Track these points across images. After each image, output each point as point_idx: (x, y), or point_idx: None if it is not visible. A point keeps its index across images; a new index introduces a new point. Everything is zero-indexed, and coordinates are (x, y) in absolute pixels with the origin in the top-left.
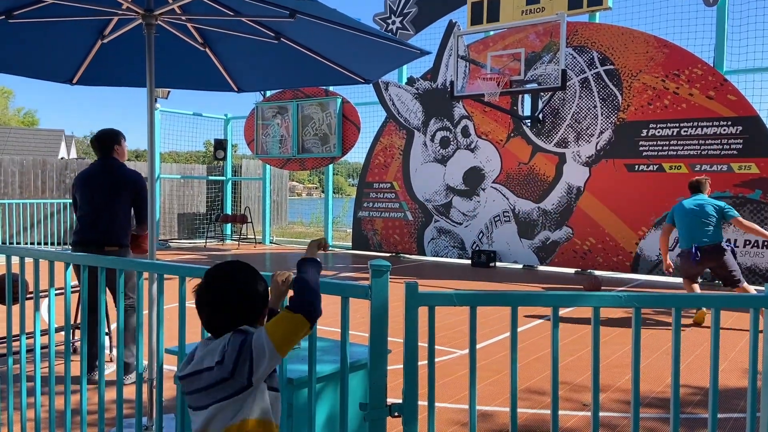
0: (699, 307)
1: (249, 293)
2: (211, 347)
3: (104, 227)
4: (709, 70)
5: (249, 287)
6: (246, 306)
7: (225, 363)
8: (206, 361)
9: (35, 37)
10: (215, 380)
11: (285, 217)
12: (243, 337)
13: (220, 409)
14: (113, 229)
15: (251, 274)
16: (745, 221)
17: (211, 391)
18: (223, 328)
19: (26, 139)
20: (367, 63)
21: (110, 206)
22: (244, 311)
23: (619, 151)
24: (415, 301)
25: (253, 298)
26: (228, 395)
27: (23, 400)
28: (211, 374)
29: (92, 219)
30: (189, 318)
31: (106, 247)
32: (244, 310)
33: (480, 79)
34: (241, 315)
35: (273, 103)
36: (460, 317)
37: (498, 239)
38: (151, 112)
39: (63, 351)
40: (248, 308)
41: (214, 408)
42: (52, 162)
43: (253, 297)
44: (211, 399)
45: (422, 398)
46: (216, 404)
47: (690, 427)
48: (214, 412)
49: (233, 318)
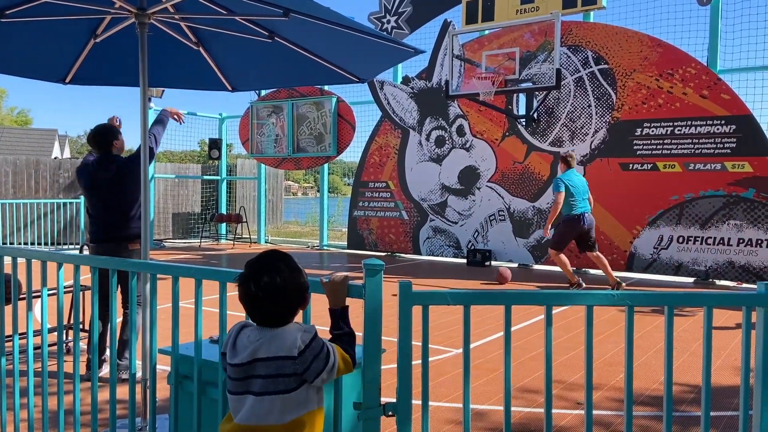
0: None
1: (301, 281)
2: (278, 338)
3: (122, 224)
4: (702, 69)
5: (301, 275)
6: (300, 294)
7: (305, 357)
8: (277, 349)
9: (28, 36)
10: (289, 371)
11: (280, 216)
12: (322, 342)
13: (285, 400)
14: (131, 225)
15: (294, 262)
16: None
17: (280, 380)
18: (280, 317)
19: (19, 139)
20: (362, 62)
21: (123, 202)
22: (298, 299)
23: (613, 150)
24: (409, 300)
25: (304, 285)
26: (293, 388)
27: (16, 400)
28: (284, 363)
29: (107, 217)
30: (182, 318)
31: (130, 244)
32: (298, 298)
33: (475, 79)
34: (296, 303)
35: (268, 102)
36: (454, 316)
37: (493, 238)
38: (145, 112)
39: (56, 351)
40: (301, 296)
41: (278, 398)
42: (45, 162)
43: (303, 284)
44: (277, 387)
45: (416, 397)
46: (281, 395)
47: (683, 425)
48: (279, 403)
49: (290, 307)
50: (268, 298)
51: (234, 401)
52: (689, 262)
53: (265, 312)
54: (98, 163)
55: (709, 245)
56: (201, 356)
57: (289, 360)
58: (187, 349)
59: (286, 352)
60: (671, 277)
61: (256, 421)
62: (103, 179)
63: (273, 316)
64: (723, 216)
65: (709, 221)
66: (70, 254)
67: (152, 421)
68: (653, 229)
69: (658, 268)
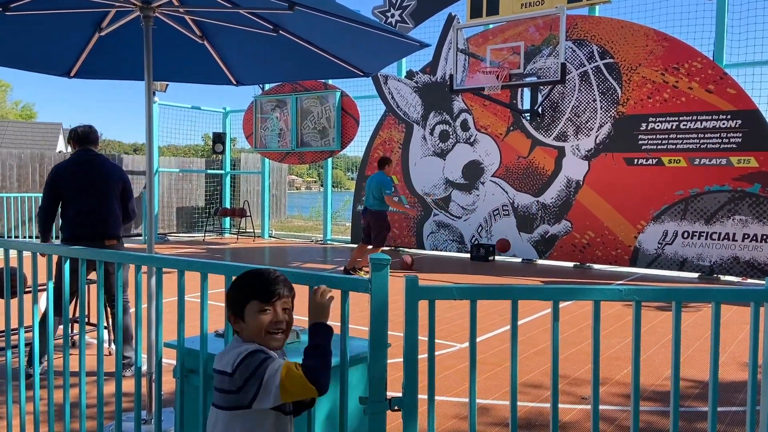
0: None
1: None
2: (231, 350)
3: (103, 220)
4: (708, 64)
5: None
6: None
7: (235, 378)
8: (223, 363)
9: (32, 29)
10: (227, 388)
11: (284, 210)
12: (260, 361)
13: (233, 416)
14: (111, 221)
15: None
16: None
17: (224, 396)
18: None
19: (24, 133)
20: (367, 56)
21: (105, 198)
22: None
23: (618, 145)
24: (415, 294)
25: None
26: (233, 406)
27: (22, 393)
28: (224, 379)
29: (89, 212)
30: (188, 312)
31: (106, 240)
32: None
33: (479, 73)
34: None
35: (272, 96)
36: (459, 311)
37: (497, 233)
38: (150, 106)
39: (62, 344)
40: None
41: (228, 414)
42: (50, 155)
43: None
44: (223, 403)
45: (422, 392)
46: (228, 411)
47: (688, 420)
48: (229, 419)
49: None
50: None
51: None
52: (694, 258)
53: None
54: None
55: (714, 240)
56: (207, 350)
57: (227, 378)
58: (192, 343)
59: (223, 367)
60: (676, 272)
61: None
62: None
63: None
64: (728, 211)
65: (714, 216)
66: (76, 248)
67: (158, 414)
68: (658, 224)
69: (663, 264)
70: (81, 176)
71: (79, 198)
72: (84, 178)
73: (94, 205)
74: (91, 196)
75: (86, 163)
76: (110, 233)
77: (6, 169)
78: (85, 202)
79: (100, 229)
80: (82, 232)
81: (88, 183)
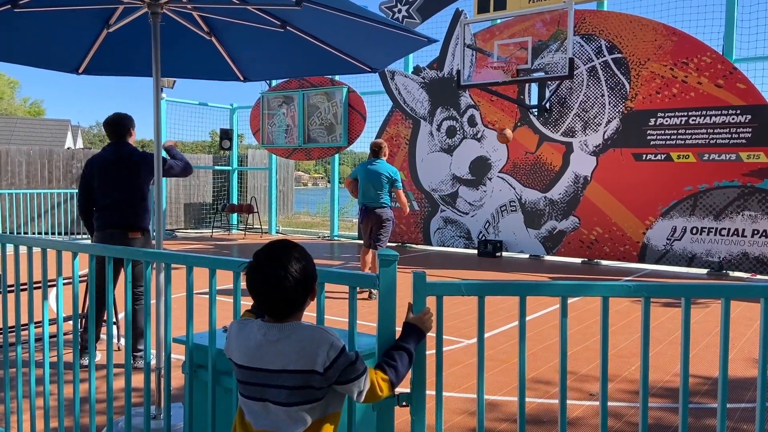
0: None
1: (309, 270)
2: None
3: (129, 212)
4: (718, 59)
5: (309, 265)
6: (308, 284)
7: (328, 375)
8: (295, 360)
9: (41, 26)
10: (316, 385)
11: (291, 206)
12: (352, 358)
13: (309, 410)
14: (138, 213)
15: (303, 251)
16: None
17: (301, 392)
18: (287, 308)
19: (32, 129)
20: (374, 51)
21: (134, 191)
22: (306, 289)
23: (626, 140)
24: (424, 290)
25: (312, 274)
26: (318, 398)
27: (32, 388)
28: (312, 377)
29: (116, 203)
30: (197, 307)
31: (130, 233)
32: (306, 289)
33: (487, 68)
34: (304, 293)
35: (279, 92)
36: (467, 307)
37: (504, 229)
38: (157, 102)
39: (71, 340)
40: (309, 286)
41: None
42: (58, 152)
43: (311, 274)
44: (298, 398)
45: (430, 387)
46: (304, 405)
47: (697, 417)
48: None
49: (297, 298)
50: (274, 288)
51: (249, 405)
52: (703, 254)
53: (273, 302)
54: (114, 152)
55: (723, 236)
56: (215, 346)
57: (317, 375)
58: (201, 339)
59: (311, 366)
60: (684, 268)
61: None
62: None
63: (280, 306)
64: (737, 207)
65: (723, 212)
66: (86, 244)
67: (167, 409)
68: (666, 219)
69: (671, 260)
70: (107, 168)
71: (106, 190)
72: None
73: (120, 196)
74: (117, 189)
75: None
76: (136, 225)
77: (15, 165)
78: (110, 194)
79: (126, 219)
80: (108, 221)
81: (117, 175)
